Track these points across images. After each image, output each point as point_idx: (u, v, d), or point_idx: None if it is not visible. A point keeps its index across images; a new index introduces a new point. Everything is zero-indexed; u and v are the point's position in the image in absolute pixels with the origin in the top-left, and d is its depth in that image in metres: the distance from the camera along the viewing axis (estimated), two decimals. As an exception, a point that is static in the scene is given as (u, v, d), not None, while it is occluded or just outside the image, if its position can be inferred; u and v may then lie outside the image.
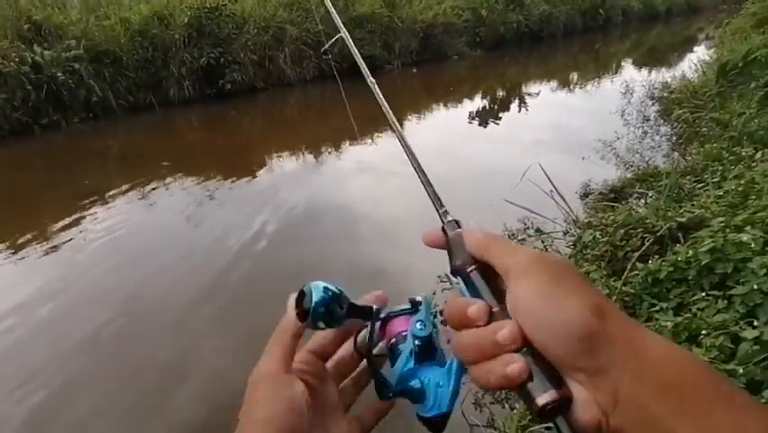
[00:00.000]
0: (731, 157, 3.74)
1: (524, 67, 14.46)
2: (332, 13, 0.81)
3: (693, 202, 3.10)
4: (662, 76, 9.52)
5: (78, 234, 4.83)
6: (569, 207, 3.69)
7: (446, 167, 5.92)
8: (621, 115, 7.22)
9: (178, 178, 6.19)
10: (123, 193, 5.79)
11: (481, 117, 9.06)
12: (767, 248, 2.03)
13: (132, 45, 9.51)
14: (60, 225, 5.03)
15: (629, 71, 11.86)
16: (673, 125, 6.24)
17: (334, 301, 0.40)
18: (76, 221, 5.12)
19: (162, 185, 6.00)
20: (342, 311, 0.41)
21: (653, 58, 13.90)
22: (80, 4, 10.21)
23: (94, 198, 5.63)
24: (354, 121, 1.13)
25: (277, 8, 10.94)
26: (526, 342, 0.33)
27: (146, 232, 4.96)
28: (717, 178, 3.47)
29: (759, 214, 2.36)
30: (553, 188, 3.77)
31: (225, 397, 2.55)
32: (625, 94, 8.19)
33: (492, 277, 0.38)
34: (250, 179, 6.21)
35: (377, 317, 0.44)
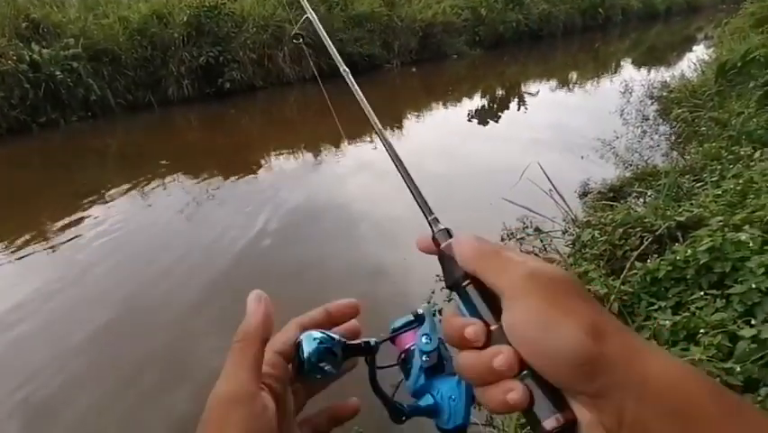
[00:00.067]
0: (730, 156, 3.74)
1: (523, 66, 14.46)
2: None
3: (692, 201, 3.10)
4: (661, 75, 9.51)
5: (77, 234, 4.83)
6: (568, 205, 3.69)
7: (445, 166, 5.93)
8: (620, 114, 7.23)
9: (178, 177, 6.19)
10: (123, 192, 5.79)
11: (481, 116, 9.07)
12: (765, 247, 2.03)
13: (131, 44, 9.51)
14: (59, 225, 5.03)
15: (628, 70, 11.86)
16: (672, 125, 6.25)
17: (327, 351, 0.41)
18: (75, 220, 5.11)
19: (161, 184, 6.00)
20: (338, 357, 0.41)
21: (652, 57, 13.90)
22: (79, 2, 10.20)
23: (93, 198, 5.62)
24: (349, 121, 1.12)
25: (276, 7, 10.93)
26: (527, 364, 0.33)
27: (145, 231, 4.96)
28: (716, 177, 3.47)
29: (757, 213, 2.36)
30: (552, 187, 3.77)
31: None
32: (624, 93, 8.19)
33: (489, 289, 0.37)
34: (249, 178, 6.21)
35: (376, 350, 0.45)
